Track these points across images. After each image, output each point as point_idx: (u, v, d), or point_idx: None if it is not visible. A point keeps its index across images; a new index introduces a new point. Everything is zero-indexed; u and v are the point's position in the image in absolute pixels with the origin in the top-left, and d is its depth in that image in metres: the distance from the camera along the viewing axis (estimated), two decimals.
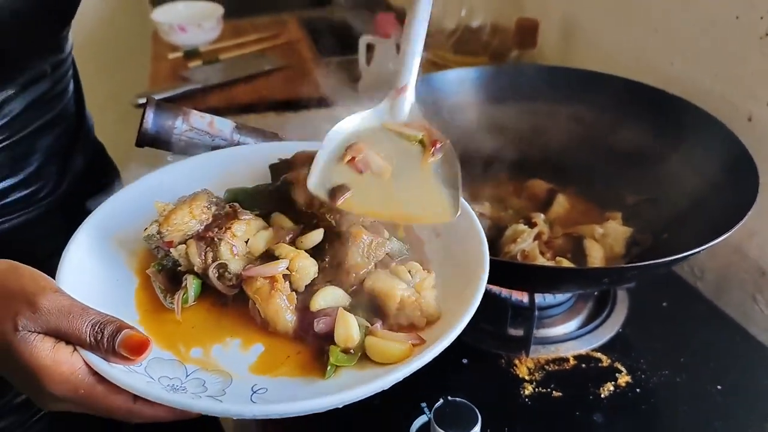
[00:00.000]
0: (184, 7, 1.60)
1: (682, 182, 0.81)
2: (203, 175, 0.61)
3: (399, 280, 0.51)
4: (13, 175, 0.64)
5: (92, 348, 0.43)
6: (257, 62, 1.47)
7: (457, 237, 0.55)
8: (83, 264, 0.52)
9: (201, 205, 0.54)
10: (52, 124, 0.68)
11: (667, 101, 0.86)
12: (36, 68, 0.64)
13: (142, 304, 0.53)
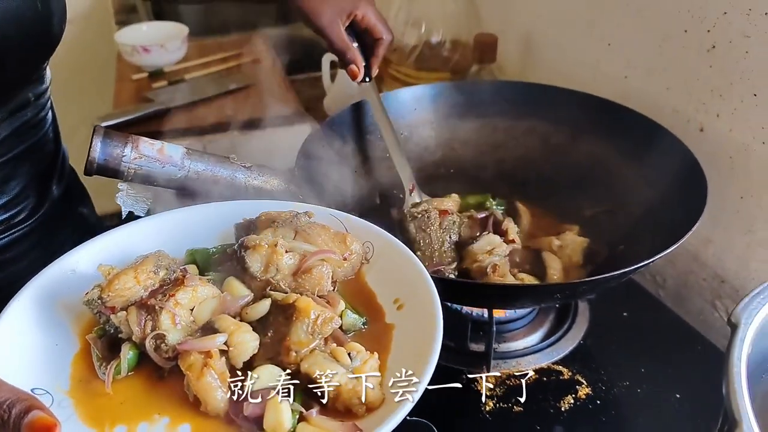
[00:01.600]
0: (148, 27, 1.60)
1: (637, 194, 0.82)
2: (168, 233, 0.59)
3: (336, 363, 0.48)
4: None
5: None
6: (222, 82, 1.47)
7: (416, 310, 0.53)
8: (22, 326, 0.51)
9: (147, 269, 0.51)
10: (33, 150, 0.70)
11: (621, 114, 0.87)
12: (20, 97, 0.66)
13: (77, 372, 0.51)
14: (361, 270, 0.58)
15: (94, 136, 0.63)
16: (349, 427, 0.45)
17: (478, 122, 0.96)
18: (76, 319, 0.54)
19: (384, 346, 0.51)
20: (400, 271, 0.55)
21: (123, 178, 0.66)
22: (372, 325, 0.53)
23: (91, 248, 0.57)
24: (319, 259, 0.53)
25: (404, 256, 0.56)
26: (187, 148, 0.68)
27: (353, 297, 0.55)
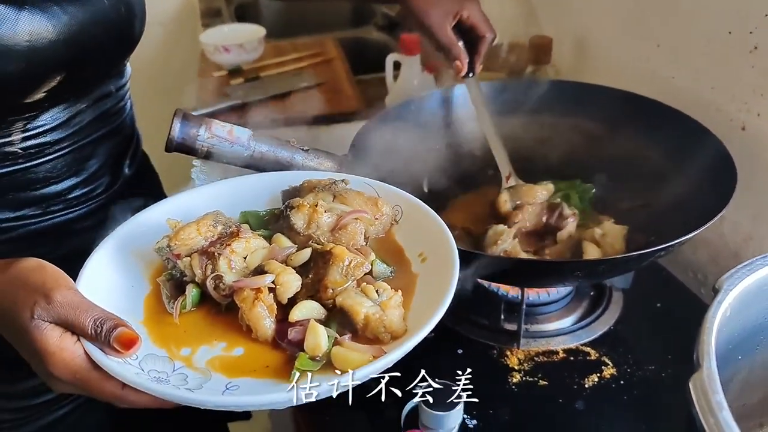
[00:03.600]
0: (229, 29, 1.73)
1: (673, 189, 0.85)
2: (225, 198, 0.68)
3: (365, 298, 0.56)
4: (76, 176, 0.75)
5: (92, 339, 0.51)
6: (294, 80, 1.58)
7: (437, 261, 0.60)
8: (103, 269, 0.60)
9: (207, 223, 0.60)
10: (111, 135, 0.79)
11: (664, 112, 0.90)
12: (103, 89, 0.76)
13: (149, 308, 0.60)
14: (391, 230, 0.65)
15: (174, 118, 0.73)
16: (376, 349, 0.53)
17: (525, 119, 1.01)
18: (147, 265, 0.63)
19: (409, 291, 0.59)
20: (426, 229, 0.63)
21: (197, 156, 0.75)
22: (399, 274, 0.61)
23: (161, 207, 0.67)
24: (354, 218, 0.61)
25: (429, 216, 0.64)
26: (253, 131, 0.78)
27: (383, 251, 0.63)
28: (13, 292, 0.53)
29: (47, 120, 0.70)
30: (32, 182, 0.72)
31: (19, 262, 0.54)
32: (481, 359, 0.81)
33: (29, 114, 0.68)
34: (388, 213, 0.65)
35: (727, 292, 0.46)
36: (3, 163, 0.69)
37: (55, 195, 0.74)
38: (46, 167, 0.72)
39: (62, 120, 0.71)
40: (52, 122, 0.70)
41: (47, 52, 0.64)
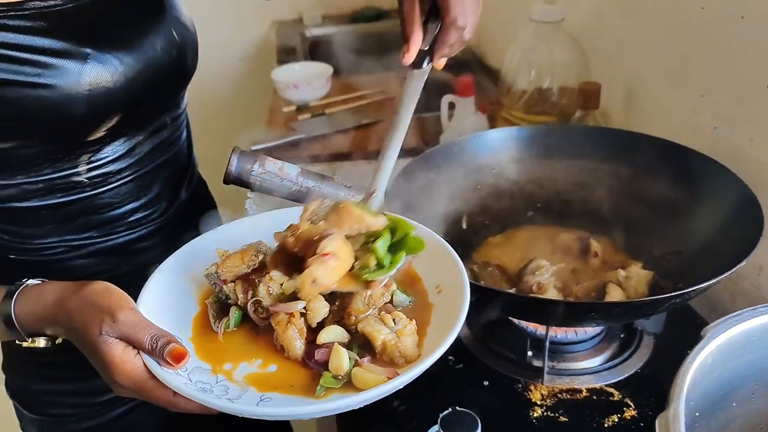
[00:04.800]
0: (299, 67, 1.85)
1: (706, 239, 0.87)
2: (264, 229, 0.74)
3: (384, 325, 0.62)
4: (136, 201, 0.85)
5: (149, 353, 0.59)
6: (356, 116, 1.67)
7: (452, 294, 0.65)
8: (159, 291, 0.68)
9: (250, 253, 0.68)
10: (168, 163, 0.88)
11: (702, 162, 0.92)
12: (159, 122, 0.85)
13: (197, 326, 0.68)
14: (412, 262, 0.71)
15: (232, 154, 0.82)
16: (391, 371, 0.59)
17: (566, 162, 1.05)
18: (197, 288, 0.71)
19: (425, 320, 0.64)
20: (444, 264, 0.68)
21: (251, 188, 0.84)
22: (417, 303, 0.67)
23: (212, 236, 0.76)
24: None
25: (447, 252, 0.69)
26: (302, 168, 0.85)
27: (404, 281, 0.69)
28: (84, 311, 0.61)
29: (109, 152, 0.79)
30: (97, 207, 0.81)
31: (90, 285, 0.63)
32: (506, 392, 0.84)
33: (93, 148, 0.77)
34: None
35: (710, 340, 0.49)
36: (72, 191, 0.78)
37: (118, 218, 0.83)
38: (110, 194, 0.82)
39: (122, 152, 0.80)
40: (114, 154, 0.80)
41: (106, 98, 0.73)
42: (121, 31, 0.75)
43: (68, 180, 0.77)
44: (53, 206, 0.78)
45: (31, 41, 0.67)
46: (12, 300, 0.66)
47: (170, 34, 0.80)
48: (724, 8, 0.94)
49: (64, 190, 0.77)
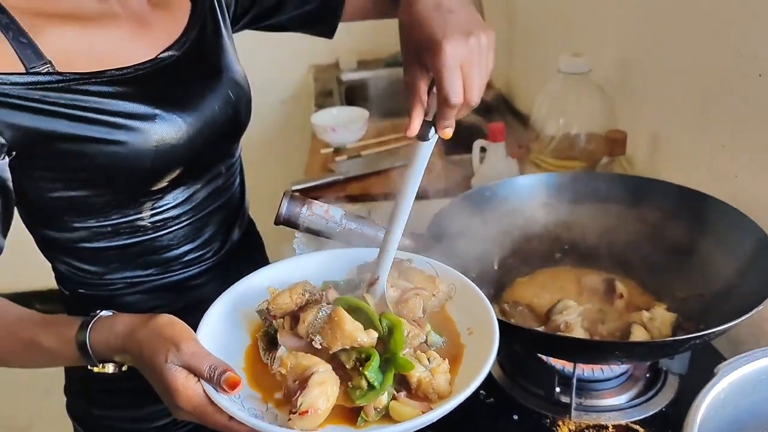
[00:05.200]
0: (337, 111, 1.94)
1: (727, 283, 0.91)
2: (309, 269, 0.82)
3: (419, 363, 0.67)
4: (192, 242, 0.93)
5: (208, 380, 0.65)
6: (391, 158, 1.75)
7: (482, 336, 0.71)
8: (215, 324, 0.75)
9: (297, 292, 0.73)
10: (222, 207, 0.96)
11: (721, 209, 0.97)
12: (216, 169, 0.94)
13: (248, 357, 0.73)
14: (445, 305, 0.77)
15: (283, 198, 0.90)
16: (425, 405, 0.64)
17: (593, 207, 1.10)
18: (249, 322, 0.77)
19: (457, 359, 0.70)
20: (475, 307, 0.74)
21: (299, 229, 0.91)
22: (449, 344, 0.72)
23: (262, 274, 0.82)
24: (414, 293, 0.73)
25: (478, 296, 0.74)
26: (345, 211, 0.93)
27: (437, 323, 0.74)
28: (152, 341, 0.68)
29: (170, 200, 0.87)
30: (157, 248, 0.90)
31: (157, 318, 0.70)
32: (534, 426, 0.89)
33: (156, 196, 0.86)
34: (444, 290, 0.76)
35: (722, 377, 0.53)
36: (135, 234, 0.87)
37: (175, 258, 0.91)
38: (169, 236, 0.90)
39: (182, 199, 0.89)
40: (174, 201, 0.88)
41: (170, 154, 0.82)
42: (184, 94, 0.83)
43: (133, 224, 0.85)
44: (118, 247, 0.86)
45: (108, 104, 0.76)
46: (87, 329, 0.73)
47: (227, 94, 0.89)
48: (743, 66, 0.99)
49: (129, 233, 0.86)
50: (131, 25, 0.82)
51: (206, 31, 0.90)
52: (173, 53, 0.84)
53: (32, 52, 0.72)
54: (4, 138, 0.72)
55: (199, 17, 0.90)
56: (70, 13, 0.77)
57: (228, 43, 0.94)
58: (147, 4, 0.85)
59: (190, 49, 0.86)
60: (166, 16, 0.86)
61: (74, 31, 0.76)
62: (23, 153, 0.75)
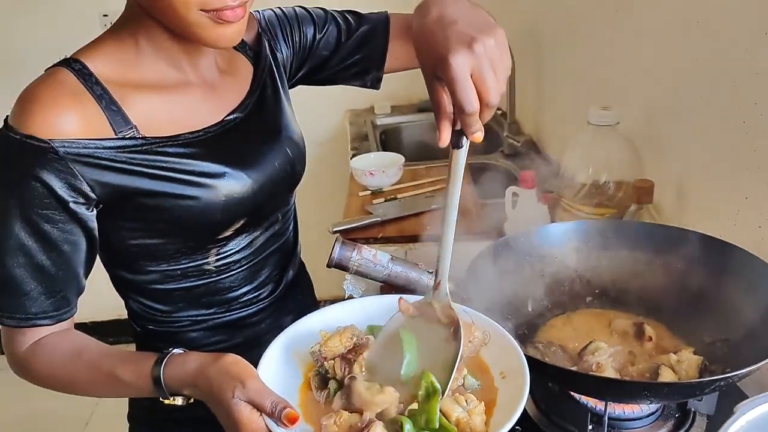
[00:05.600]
0: (374, 156, 2.04)
1: (750, 327, 0.96)
2: (356, 314, 0.90)
3: (458, 405, 0.74)
4: (250, 284, 1.01)
5: (270, 415, 0.72)
6: (426, 201, 1.83)
7: (514, 380, 0.78)
8: (273, 363, 0.82)
9: (347, 335, 0.81)
10: (278, 250, 1.05)
11: (745, 258, 1.02)
12: (274, 217, 1.03)
13: (302, 394, 0.81)
14: (480, 350, 0.83)
15: (335, 243, 0.98)
16: None
17: (622, 254, 1.16)
18: (302, 362, 0.85)
19: (492, 401, 0.76)
20: (508, 353, 0.81)
21: (349, 272, 0.99)
22: (484, 387, 0.79)
23: (313, 318, 0.90)
24: None
25: (510, 343, 0.82)
26: (392, 256, 1.01)
27: (473, 367, 0.81)
28: (220, 378, 0.76)
29: (232, 246, 0.97)
30: (220, 290, 0.99)
31: (224, 357, 0.77)
32: None
33: (221, 243, 0.95)
34: (479, 337, 0.84)
35: (741, 415, 0.59)
36: (201, 277, 0.96)
37: (234, 298, 1.00)
38: (230, 279, 0.99)
39: (243, 245, 0.98)
40: (236, 248, 0.97)
41: (236, 206, 0.92)
42: (248, 153, 0.93)
43: (199, 268, 0.94)
44: (185, 288, 0.96)
45: (183, 163, 0.86)
46: (162, 365, 0.81)
47: (285, 152, 0.98)
48: (765, 122, 1.06)
49: (195, 276, 0.95)
50: (203, 90, 0.92)
51: (266, 93, 1.00)
52: (237, 115, 0.95)
53: (121, 119, 0.83)
54: (94, 194, 0.82)
55: (260, 81, 1.00)
56: (152, 83, 0.87)
57: (286, 104, 1.04)
58: (216, 72, 0.95)
59: (252, 112, 0.96)
60: (231, 81, 0.97)
61: (156, 98, 0.87)
62: (110, 206, 0.85)
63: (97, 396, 0.89)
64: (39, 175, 0.78)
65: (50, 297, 0.84)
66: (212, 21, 0.79)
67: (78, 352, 0.85)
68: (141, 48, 0.86)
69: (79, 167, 0.80)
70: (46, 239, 0.81)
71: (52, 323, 0.86)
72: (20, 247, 0.81)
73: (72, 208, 0.81)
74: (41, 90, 0.81)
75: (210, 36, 0.81)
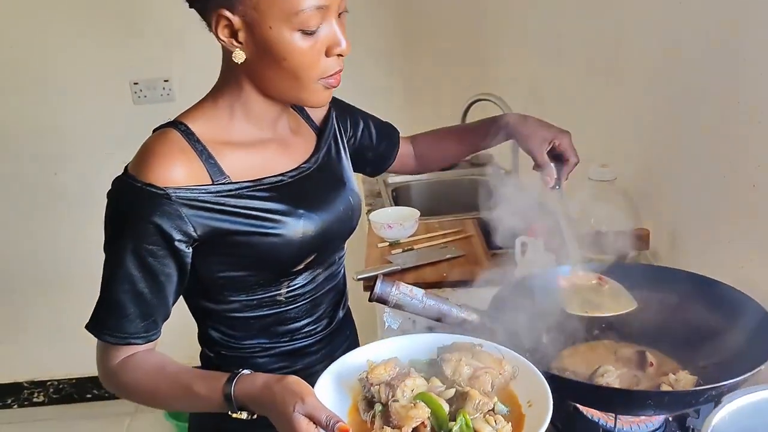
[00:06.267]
0: (392, 210, 2.21)
1: (737, 349, 1.11)
2: (401, 349, 1.02)
3: (487, 425, 0.86)
4: (310, 317, 1.16)
5: (324, 428, 0.82)
6: (441, 252, 1.99)
7: (539, 409, 0.90)
8: (326, 387, 0.94)
9: (391, 365, 0.93)
10: (333, 289, 1.21)
11: (730, 292, 1.18)
12: (332, 258, 1.19)
13: (351, 415, 0.92)
14: (510, 382, 0.96)
15: (377, 280, 1.14)
16: None
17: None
18: (350, 388, 0.96)
19: (519, 425, 0.89)
20: (533, 385, 0.94)
21: (388, 305, 1.15)
22: (512, 413, 0.92)
23: (359, 352, 1.02)
24: (485, 371, 0.94)
25: (537, 376, 0.95)
26: (425, 291, 1.16)
27: (503, 396, 0.94)
28: (283, 394, 0.88)
29: (300, 280, 1.13)
30: (286, 320, 1.14)
31: (288, 377, 0.90)
32: None
33: (292, 276, 1.11)
34: (509, 371, 0.97)
35: (725, 404, 0.74)
36: (273, 307, 1.11)
37: (297, 329, 1.15)
38: (295, 310, 1.14)
39: (308, 280, 1.14)
40: (303, 282, 1.13)
41: (309, 243, 1.08)
42: (319, 198, 1.11)
43: (272, 299, 1.10)
44: (258, 317, 1.11)
45: (268, 205, 1.03)
46: (233, 382, 0.94)
47: (348, 200, 1.16)
48: (741, 177, 1.24)
49: (268, 305, 1.10)
50: (278, 145, 1.10)
51: (331, 152, 1.19)
52: (309, 166, 1.13)
53: (217, 169, 1.01)
54: (196, 233, 0.99)
55: (326, 141, 1.19)
56: (240, 141, 1.05)
57: (347, 163, 1.22)
58: (289, 131, 1.14)
59: (320, 164, 1.15)
60: (300, 140, 1.15)
61: (242, 152, 1.05)
62: (206, 244, 1.01)
63: (173, 409, 1.03)
64: (153, 217, 0.95)
65: (144, 320, 1.00)
66: (323, 87, 1.00)
67: (161, 368, 1.00)
68: (234, 114, 1.05)
69: (185, 210, 0.97)
70: (148, 270, 0.97)
71: (142, 343, 1.01)
72: (127, 276, 0.97)
73: (175, 246, 0.98)
74: (156, 146, 0.98)
75: (318, 99, 1.02)
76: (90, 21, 2.86)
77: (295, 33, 0.93)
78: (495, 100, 2.37)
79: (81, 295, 3.28)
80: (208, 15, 0.96)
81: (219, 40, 0.97)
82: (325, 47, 0.97)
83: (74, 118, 2.99)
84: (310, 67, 0.96)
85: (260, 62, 0.97)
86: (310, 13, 0.92)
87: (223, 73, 1.05)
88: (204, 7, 0.96)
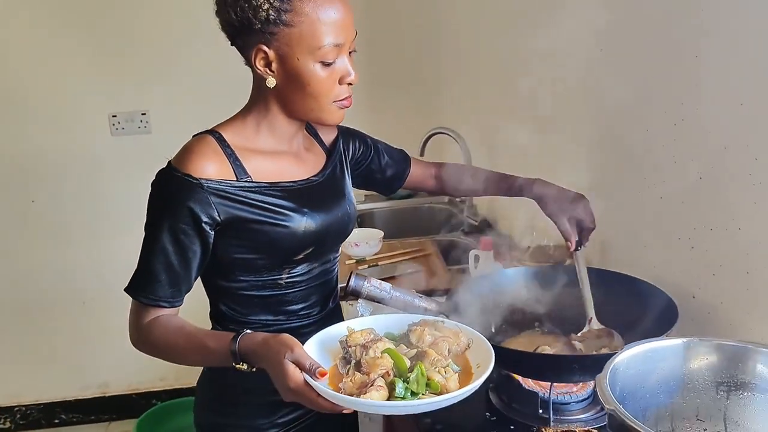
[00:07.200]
0: (358, 231, 2.43)
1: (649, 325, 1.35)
2: (377, 325, 1.22)
3: (438, 374, 1.04)
4: (305, 302, 1.36)
5: (307, 372, 1.01)
6: (403, 267, 2.21)
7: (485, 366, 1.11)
8: (312, 349, 1.14)
9: (366, 333, 1.12)
10: (325, 282, 1.41)
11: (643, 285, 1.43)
12: (327, 256, 1.39)
13: (331, 372, 1.12)
14: (466, 351, 1.18)
15: (350, 275, 1.34)
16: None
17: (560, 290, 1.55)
18: (331, 353, 1.18)
19: (468, 380, 1.11)
20: (482, 353, 1.15)
21: (361, 297, 1.35)
22: (463, 371, 1.13)
23: (343, 324, 1.23)
24: (443, 339, 1.15)
25: (485, 344, 1.16)
26: (392, 285, 1.37)
27: (458, 360, 1.15)
28: (277, 345, 1.08)
29: (299, 270, 1.33)
30: (285, 302, 1.33)
31: (281, 334, 1.10)
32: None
33: (292, 265, 1.31)
34: (464, 341, 1.18)
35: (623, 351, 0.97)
36: (274, 288, 1.31)
37: (294, 312, 1.35)
38: (293, 295, 1.34)
39: (306, 271, 1.34)
40: (301, 271, 1.33)
41: (310, 236, 1.29)
42: (321, 203, 1.32)
43: (275, 282, 1.30)
44: (261, 296, 1.31)
45: (280, 203, 1.25)
46: (238, 338, 1.13)
47: (345, 209, 1.37)
48: (653, 192, 1.50)
49: (270, 287, 1.30)
50: (293, 157, 1.32)
51: (336, 170, 1.41)
52: (316, 178, 1.35)
53: (241, 170, 1.23)
54: (220, 218, 1.20)
55: (333, 161, 1.42)
56: (262, 150, 1.28)
57: (348, 179, 1.45)
58: (303, 148, 1.36)
59: (326, 178, 1.37)
60: (311, 157, 1.38)
61: (262, 159, 1.27)
62: (227, 228, 1.22)
63: (189, 363, 1.21)
64: (188, 202, 1.17)
65: (171, 287, 1.20)
66: (338, 108, 1.23)
67: (181, 327, 1.20)
68: (260, 128, 1.28)
69: (214, 198, 1.18)
70: (180, 246, 1.18)
71: (168, 307, 1.21)
72: (162, 249, 1.18)
73: (202, 227, 1.19)
74: (195, 146, 1.21)
75: (333, 118, 1.24)
76: (72, 55, 3.03)
77: (317, 64, 1.17)
78: (451, 134, 2.63)
79: (48, 321, 3.39)
80: (249, 50, 1.18)
81: (255, 69, 1.19)
82: (339, 76, 1.20)
83: (54, 148, 3.12)
84: (327, 92, 1.20)
85: (288, 87, 1.21)
86: (329, 48, 1.16)
87: (252, 96, 1.28)
88: (246, 44, 1.18)
